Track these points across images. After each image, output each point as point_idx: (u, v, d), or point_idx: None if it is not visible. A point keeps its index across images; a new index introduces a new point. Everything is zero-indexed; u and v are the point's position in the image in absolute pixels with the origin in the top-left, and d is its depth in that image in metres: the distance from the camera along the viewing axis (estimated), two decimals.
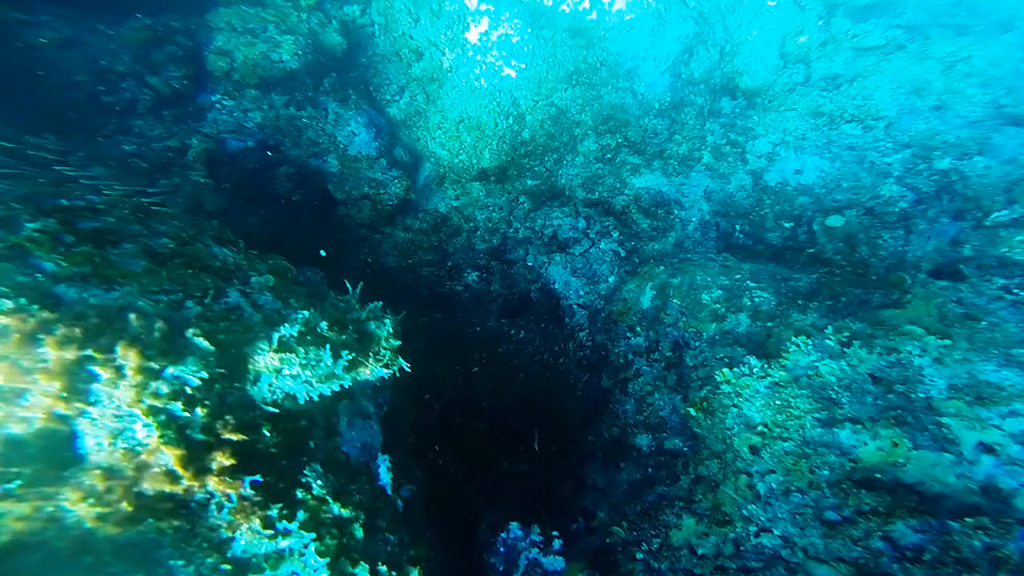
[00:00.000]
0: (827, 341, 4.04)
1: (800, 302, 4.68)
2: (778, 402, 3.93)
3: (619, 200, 6.57)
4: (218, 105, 5.70)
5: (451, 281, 6.43)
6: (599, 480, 5.02)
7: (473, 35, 6.10)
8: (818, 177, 6.25)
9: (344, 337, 3.03)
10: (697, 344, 4.87)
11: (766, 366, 4.08)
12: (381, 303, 3.34)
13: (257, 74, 5.61)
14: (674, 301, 5.20)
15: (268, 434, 2.74)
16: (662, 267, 5.67)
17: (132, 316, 2.50)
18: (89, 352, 2.37)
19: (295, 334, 2.89)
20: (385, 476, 3.40)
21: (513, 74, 6.15)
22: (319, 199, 6.02)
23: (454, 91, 6.08)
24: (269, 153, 5.59)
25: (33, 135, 4.13)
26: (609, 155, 6.55)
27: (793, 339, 4.10)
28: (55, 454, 2.35)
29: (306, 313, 3.04)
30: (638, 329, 5.47)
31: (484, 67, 6.10)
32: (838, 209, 6.03)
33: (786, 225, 6.42)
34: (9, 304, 2.29)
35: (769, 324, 4.57)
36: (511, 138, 6.16)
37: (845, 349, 3.95)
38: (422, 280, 6.37)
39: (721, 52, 6.66)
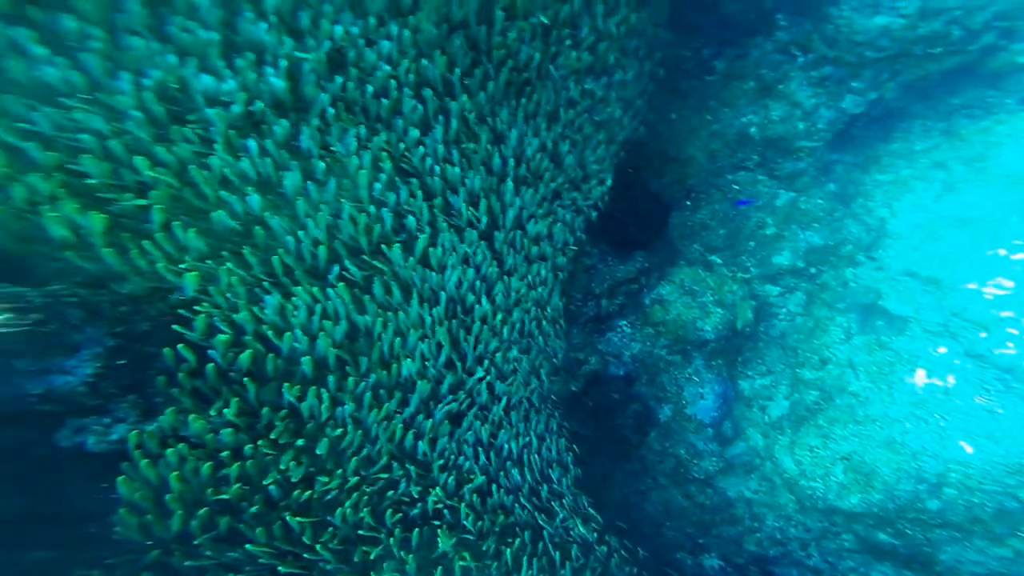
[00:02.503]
0: None
1: None
2: None
3: None
4: (619, 329, 6.47)
5: (688, 554, 5.64)
6: None
7: (917, 385, 5.06)
8: None
9: None
10: None
11: None
12: None
13: (676, 332, 6.11)
14: None
15: None
16: None
17: None
18: None
19: None
20: None
21: (969, 449, 5.06)
22: (638, 439, 6.11)
23: (854, 426, 5.40)
24: (616, 396, 5.96)
25: None
26: None
27: None
28: None
29: None
30: None
31: (921, 423, 5.11)
32: None
33: None
34: None
35: None
36: (907, 503, 5.09)
37: None
38: (662, 536, 5.74)
39: None
